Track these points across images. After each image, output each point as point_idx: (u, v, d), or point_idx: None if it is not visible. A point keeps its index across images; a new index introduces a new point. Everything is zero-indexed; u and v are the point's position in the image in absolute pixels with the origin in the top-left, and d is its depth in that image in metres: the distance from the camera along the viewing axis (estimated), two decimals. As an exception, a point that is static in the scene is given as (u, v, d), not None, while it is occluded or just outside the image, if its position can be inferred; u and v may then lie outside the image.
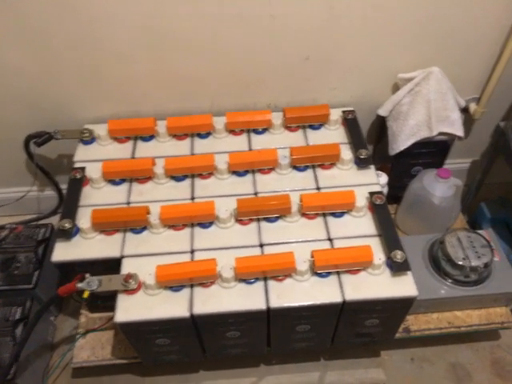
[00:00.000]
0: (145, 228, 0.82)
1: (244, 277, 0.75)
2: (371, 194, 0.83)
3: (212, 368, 1.00)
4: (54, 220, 1.16)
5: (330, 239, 0.80)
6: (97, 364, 0.91)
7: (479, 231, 0.95)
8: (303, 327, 0.80)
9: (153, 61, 0.93)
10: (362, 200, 0.82)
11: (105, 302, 0.84)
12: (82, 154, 0.94)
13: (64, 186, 1.17)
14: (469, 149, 1.19)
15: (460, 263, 0.89)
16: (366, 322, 0.81)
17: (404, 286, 0.74)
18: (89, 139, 0.95)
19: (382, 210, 0.81)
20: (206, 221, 0.82)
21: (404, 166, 1.06)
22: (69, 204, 0.84)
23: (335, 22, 0.88)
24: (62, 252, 0.79)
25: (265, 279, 0.76)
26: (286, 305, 0.73)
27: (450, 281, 0.91)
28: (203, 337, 0.81)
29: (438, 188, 0.97)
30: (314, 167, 0.91)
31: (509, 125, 1.03)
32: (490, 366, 1.00)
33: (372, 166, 0.90)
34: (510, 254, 1.08)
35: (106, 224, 0.80)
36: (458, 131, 0.99)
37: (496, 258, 0.93)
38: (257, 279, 0.76)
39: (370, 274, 0.76)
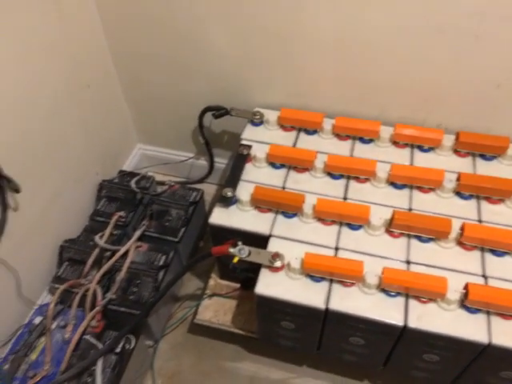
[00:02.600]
0: (295, 214, 0.86)
1: (388, 288, 0.74)
2: (543, 241, 0.76)
3: (314, 366, 1.01)
4: (201, 187, 1.26)
5: (484, 276, 0.76)
6: (216, 327, 0.98)
7: None
8: (431, 357, 0.77)
9: (335, 62, 0.95)
10: (530, 245, 0.76)
11: (243, 272, 0.89)
12: (250, 134, 1.01)
13: (217, 159, 1.27)
14: None
15: None
16: (501, 373, 0.75)
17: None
18: (258, 122, 1.02)
19: (554, 262, 0.74)
20: (356, 223, 0.82)
21: None
22: (233, 175, 0.91)
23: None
24: (220, 216, 0.86)
25: (406, 296, 0.74)
26: (425, 328, 0.71)
27: None
28: (326, 333, 0.82)
29: None
30: (478, 198, 0.86)
31: None
32: None
33: (546, 213, 0.83)
34: None
35: (264, 202, 0.85)
36: None
37: None
38: (398, 294, 0.74)
39: (526, 324, 0.70)
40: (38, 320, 0.94)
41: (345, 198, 0.88)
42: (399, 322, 0.72)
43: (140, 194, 1.12)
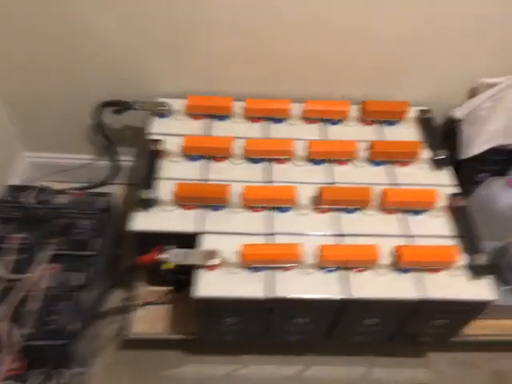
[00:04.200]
0: (223, 206, 0.82)
1: (327, 264, 0.75)
2: (453, 195, 0.83)
3: (258, 352, 1.00)
4: (107, 189, 1.15)
5: (409, 236, 0.80)
6: (153, 337, 0.91)
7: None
8: (372, 321, 0.81)
9: (239, 41, 0.92)
10: (441, 200, 0.82)
11: (174, 275, 0.83)
12: (158, 127, 0.94)
13: (121, 157, 1.17)
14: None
15: (524, 273, 0.89)
16: (435, 322, 0.82)
17: (483, 290, 0.75)
18: (165, 113, 0.95)
19: (464, 212, 0.81)
20: (286, 205, 0.82)
21: (470, 172, 1.05)
22: (148, 175, 0.84)
23: (428, 22, 0.88)
24: (141, 221, 0.79)
25: (344, 269, 0.76)
26: (365, 296, 0.73)
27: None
28: (271, 320, 0.81)
29: (507, 196, 0.97)
30: (390, 163, 0.90)
31: None
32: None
33: (449, 168, 0.90)
34: None
35: (189, 198, 0.80)
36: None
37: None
38: (337, 268, 0.76)
39: (451, 274, 0.76)
40: None
41: (269, 182, 0.87)
42: (342, 295, 0.73)
43: (40, 210, 0.98)
